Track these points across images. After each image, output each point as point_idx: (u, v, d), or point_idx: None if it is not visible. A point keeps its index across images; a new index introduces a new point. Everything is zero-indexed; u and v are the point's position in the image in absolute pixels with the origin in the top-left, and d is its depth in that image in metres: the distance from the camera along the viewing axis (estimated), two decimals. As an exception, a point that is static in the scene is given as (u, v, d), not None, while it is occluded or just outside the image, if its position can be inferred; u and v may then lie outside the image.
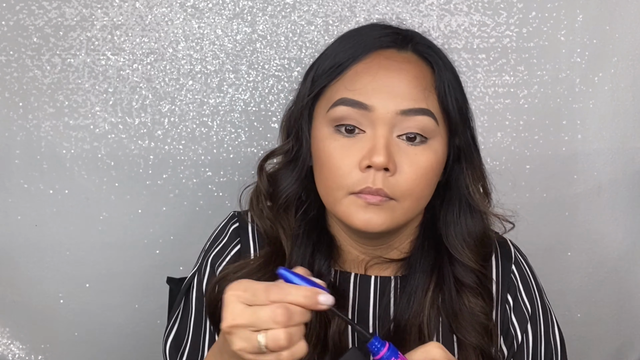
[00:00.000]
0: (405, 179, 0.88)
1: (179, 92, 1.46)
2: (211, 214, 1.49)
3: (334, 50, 0.94)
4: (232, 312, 0.73)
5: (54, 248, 1.49)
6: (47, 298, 1.51)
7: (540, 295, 1.02)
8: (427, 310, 0.95)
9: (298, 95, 0.97)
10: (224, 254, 1.03)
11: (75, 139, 1.46)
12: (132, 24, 1.44)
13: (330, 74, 0.91)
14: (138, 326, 1.53)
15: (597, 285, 1.60)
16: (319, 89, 0.93)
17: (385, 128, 0.87)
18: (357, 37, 0.93)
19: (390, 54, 0.91)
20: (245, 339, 0.72)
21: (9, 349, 1.53)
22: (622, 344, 1.65)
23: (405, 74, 0.89)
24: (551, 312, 1.03)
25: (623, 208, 1.57)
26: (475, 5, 1.47)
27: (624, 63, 1.51)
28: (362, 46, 0.91)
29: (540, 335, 0.99)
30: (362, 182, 0.87)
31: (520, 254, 1.05)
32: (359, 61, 0.90)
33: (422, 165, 0.88)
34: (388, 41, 0.92)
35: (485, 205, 0.98)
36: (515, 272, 1.01)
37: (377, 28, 0.95)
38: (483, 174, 0.99)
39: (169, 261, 1.50)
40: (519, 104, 1.51)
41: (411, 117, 0.87)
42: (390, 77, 0.88)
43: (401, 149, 0.88)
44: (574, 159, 1.54)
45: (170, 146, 1.48)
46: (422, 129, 0.88)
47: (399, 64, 0.90)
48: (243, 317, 0.72)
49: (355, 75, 0.89)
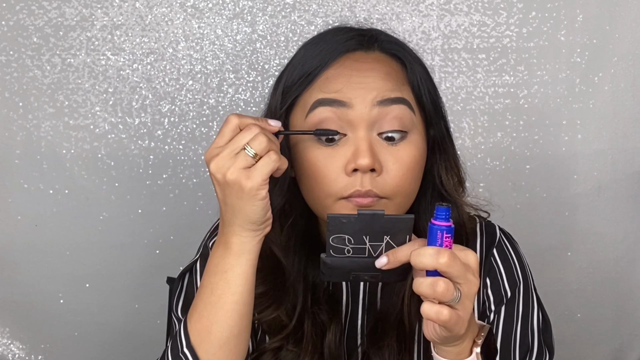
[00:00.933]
0: (393, 177, 0.88)
1: (179, 92, 1.46)
2: (211, 214, 1.49)
3: (300, 60, 0.94)
4: (211, 154, 0.81)
5: (54, 248, 1.49)
6: (47, 298, 1.51)
7: (524, 277, 1.02)
8: (407, 299, 0.96)
9: (269, 109, 0.97)
10: None
11: (75, 139, 1.46)
12: (132, 24, 1.44)
13: (301, 84, 0.92)
14: (138, 326, 1.54)
15: (597, 285, 1.60)
16: (291, 99, 0.93)
17: (365, 128, 0.88)
18: (321, 44, 0.94)
19: (358, 56, 0.92)
20: (232, 160, 0.80)
21: (9, 349, 1.53)
22: (622, 344, 1.65)
23: (377, 72, 0.90)
24: (533, 296, 1.02)
25: (623, 208, 1.57)
26: (475, 5, 1.47)
27: (624, 63, 1.51)
28: (329, 52, 0.92)
29: (517, 318, 0.99)
30: (350, 186, 0.87)
31: (507, 237, 1.05)
32: (329, 67, 0.91)
33: (406, 160, 0.89)
34: (354, 44, 0.93)
35: (458, 194, 0.98)
36: (495, 255, 1.01)
37: (340, 32, 0.95)
38: (457, 163, 0.99)
39: (169, 261, 1.50)
40: (519, 104, 1.51)
41: (389, 107, 0.88)
42: (363, 76, 0.89)
43: (384, 147, 0.89)
44: (574, 159, 1.54)
45: (170, 146, 1.48)
46: (401, 119, 0.89)
47: (369, 64, 0.91)
48: (223, 149, 0.81)
49: (327, 80, 0.90)
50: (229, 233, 0.85)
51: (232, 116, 0.83)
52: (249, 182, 0.80)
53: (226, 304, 0.86)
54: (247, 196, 0.81)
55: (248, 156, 0.80)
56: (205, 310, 0.87)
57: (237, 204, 0.82)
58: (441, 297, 0.74)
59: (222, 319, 0.86)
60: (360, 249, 0.82)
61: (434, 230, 0.77)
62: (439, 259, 0.74)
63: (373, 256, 0.82)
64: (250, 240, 0.85)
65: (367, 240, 0.81)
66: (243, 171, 0.80)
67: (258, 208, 0.82)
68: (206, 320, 0.87)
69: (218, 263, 0.87)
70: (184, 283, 1.04)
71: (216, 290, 0.86)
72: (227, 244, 0.86)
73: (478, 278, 0.78)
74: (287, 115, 0.94)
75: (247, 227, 0.84)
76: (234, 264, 0.85)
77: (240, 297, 0.86)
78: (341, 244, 0.81)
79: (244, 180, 0.80)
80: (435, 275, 0.75)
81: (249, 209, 0.82)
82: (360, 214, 0.80)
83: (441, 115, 0.97)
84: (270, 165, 0.81)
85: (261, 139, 0.80)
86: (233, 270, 0.86)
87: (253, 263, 0.86)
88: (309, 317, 0.96)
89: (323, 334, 0.96)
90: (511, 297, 0.99)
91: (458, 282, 0.75)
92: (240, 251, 0.85)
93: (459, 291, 0.75)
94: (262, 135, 0.80)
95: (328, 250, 0.82)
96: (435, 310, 0.75)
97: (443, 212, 0.76)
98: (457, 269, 0.75)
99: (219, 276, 0.86)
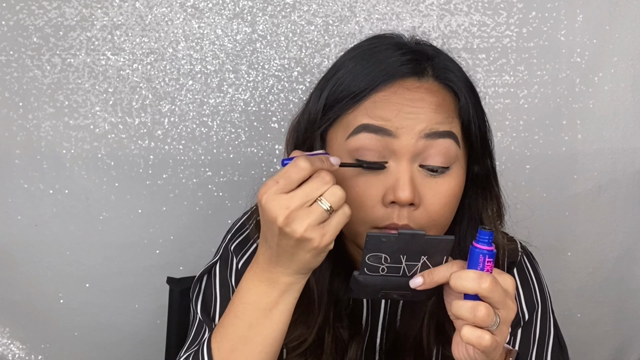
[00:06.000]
0: (430, 211, 0.86)
1: (179, 92, 1.46)
2: (211, 214, 1.49)
3: (348, 74, 0.89)
4: (279, 204, 0.74)
5: (54, 248, 1.49)
6: (47, 298, 1.51)
7: (543, 301, 1.01)
8: (426, 320, 0.95)
9: (309, 112, 0.92)
10: (246, 247, 1.01)
11: (75, 139, 1.46)
12: (132, 24, 1.44)
13: (347, 103, 0.87)
14: (138, 326, 1.54)
15: (597, 285, 1.60)
16: (334, 116, 0.89)
17: (408, 159, 0.84)
18: (372, 61, 0.89)
19: (410, 84, 0.87)
20: (307, 215, 0.74)
21: (9, 349, 1.53)
22: (622, 344, 1.65)
23: (428, 103, 0.86)
24: (551, 320, 1.00)
25: (623, 208, 1.57)
26: (475, 5, 1.47)
27: (624, 63, 1.51)
28: (380, 74, 0.87)
29: (534, 342, 0.98)
30: (387, 218, 0.85)
31: (528, 258, 1.04)
32: (378, 91, 0.86)
33: (445, 194, 0.86)
34: (407, 70, 0.88)
35: (495, 226, 0.95)
36: (515, 276, 1.00)
37: (394, 51, 0.90)
38: (499, 200, 0.96)
39: (169, 261, 1.50)
40: (519, 104, 1.51)
41: (435, 141, 0.85)
42: (414, 106, 0.85)
43: (424, 178, 0.86)
44: (574, 159, 1.54)
45: (170, 146, 1.48)
46: (445, 154, 0.85)
47: (420, 94, 0.86)
48: (294, 200, 0.74)
49: (375, 104, 0.86)
50: (278, 273, 0.81)
51: (302, 160, 0.76)
52: (324, 240, 0.76)
53: (266, 339, 0.83)
54: (318, 252, 0.77)
55: (324, 210, 0.75)
56: (240, 344, 0.84)
57: (299, 254, 0.78)
58: (481, 322, 0.73)
59: (259, 354, 0.83)
60: (396, 268, 0.80)
61: (475, 254, 0.75)
62: (481, 283, 0.73)
63: (407, 275, 0.80)
64: (302, 280, 0.82)
65: (404, 259, 0.79)
66: (318, 228, 0.75)
67: (322, 259, 0.79)
68: (240, 354, 0.83)
69: (260, 300, 0.82)
70: (202, 285, 1.01)
71: (256, 326, 0.83)
72: (274, 282, 0.82)
73: (515, 303, 0.77)
74: (325, 130, 0.90)
75: (303, 271, 0.81)
76: (279, 302, 0.82)
77: (281, 333, 0.84)
78: (377, 262, 0.80)
79: (318, 238, 0.76)
80: (474, 299, 0.74)
81: (312, 261, 0.79)
82: (401, 234, 0.78)
83: (488, 151, 0.94)
84: (344, 220, 0.77)
85: (337, 192, 0.76)
86: (278, 308, 0.82)
87: (297, 298, 0.84)
88: (330, 333, 0.94)
89: (343, 351, 0.95)
90: (528, 320, 0.98)
91: (497, 308, 0.75)
92: (289, 290, 0.82)
93: (498, 316, 0.75)
94: (338, 188, 0.76)
95: (362, 268, 0.80)
96: (477, 335, 0.74)
97: (486, 236, 0.75)
98: (498, 294, 0.74)
99: (260, 312, 0.83)
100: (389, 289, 0.82)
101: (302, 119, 0.94)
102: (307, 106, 0.94)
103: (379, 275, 0.80)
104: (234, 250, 1.00)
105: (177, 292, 1.22)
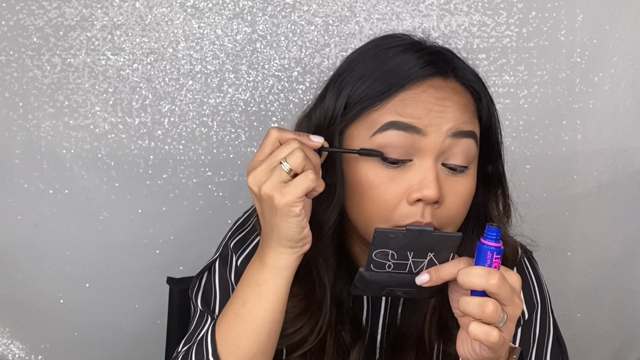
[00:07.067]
0: (450, 209, 0.86)
1: (179, 92, 1.46)
2: (211, 214, 1.49)
3: (370, 72, 0.89)
4: (252, 169, 0.82)
5: (54, 248, 1.49)
6: (47, 298, 1.51)
7: (542, 300, 1.01)
8: (428, 317, 0.95)
9: (326, 109, 0.91)
10: (245, 244, 1.01)
11: (75, 139, 1.46)
12: (132, 24, 1.44)
13: (373, 101, 0.87)
14: (138, 326, 1.54)
15: (597, 285, 1.60)
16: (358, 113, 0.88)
17: (434, 157, 0.85)
18: (399, 62, 0.89)
19: (437, 84, 0.88)
20: (267, 175, 0.80)
21: (9, 349, 1.53)
22: (622, 344, 1.65)
23: (455, 103, 0.87)
24: (550, 320, 1.01)
25: (623, 208, 1.57)
26: (475, 5, 1.47)
27: (624, 63, 1.51)
28: (407, 73, 0.87)
29: (534, 341, 0.98)
30: (411, 215, 0.84)
31: (528, 258, 1.04)
32: (407, 89, 0.87)
33: (463, 193, 0.88)
34: (433, 70, 0.89)
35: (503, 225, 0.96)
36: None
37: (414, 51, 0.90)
38: (507, 199, 0.97)
39: (169, 261, 1.50)
40: (519, 104, 1.51)
41: (460, 140, 0.86)
42: (442, 105, 0.86)
43: (445, 176, 0.86)
44: (574, 159, 1.54)
45: (170, 146, 1.48)
46: (467, 153, 0.87)
47: (447, 94, 0.87)
48: (262, 164, 0.81)
49: (404, 102, 0.86)
50: (266, 247, 0.84)
51: (273, 130, 0.82)
52: (283, 198, 0.79)
53: (256, 319, 0.85)
54: (280, 212, 0.80)
55: (284, 171, 0.79)
56: (235, 322, 0.86)
57: (272, 219, 0.82)
58: (489, 319, 0.74)
59: (251, 333, 0.85)
60: (402, 264, 0.80)
61: (483, 250, 0.75)
62: (490, 280, 0.74)
63: (413, 272, 0.81)
64: (287, 257, 0.84)
65: (411, 256, 0.80)
66: (277, 186, 0.79)
67: (292, 225, 0.81)
68: (235, 333, 0.85)
69: (253, 275, 0.86)
70: (201, 282, 1.02)
71: (248, 303, 0.85)
72: (263, 258, 0.85)
73: (522, 301, 0.77)
74: (346, 126, 0.90)
75: (282, 243, 0.83)
76: (267, 279, 0.84)
77: (272, 313, 0.85)
78: (383, 258, 0.80)
79: (277, 195, 0.79)
80: (481, 295, 0.74)
81: (282, 226, 0.81)
82: (409, 230, 0.78)
83: (501, 154, 0.96)
84: (305, 184, 0.79)
85: (297, 155, 0.79)
86: (266, 285, 0.84)
87: (287, 280, 0.85)
88: (332, 335, 0.94)
89: (345, 355, 0.95)
90: (528, 320, 0.99)
91: (504, 304, 0.75)
92: (274, 267, 0.84)
93: (506, 313, 0.75)
94: (299, 151, 0.79)
95: (369, 265, 0.80)
96: (485, 331, 0.74)
97: (494, 233, 0.75)
98: (506, 291, 0.74)
99: (252, 289, 0.85)
100: (394, 286, 0.82)
101: (314, 115, 0.93)
102: (321, 103, 0.93)
103: (384, 272, 0.81)
104: (233, 247, 1.00)
105: (177, 292, 1.22)
